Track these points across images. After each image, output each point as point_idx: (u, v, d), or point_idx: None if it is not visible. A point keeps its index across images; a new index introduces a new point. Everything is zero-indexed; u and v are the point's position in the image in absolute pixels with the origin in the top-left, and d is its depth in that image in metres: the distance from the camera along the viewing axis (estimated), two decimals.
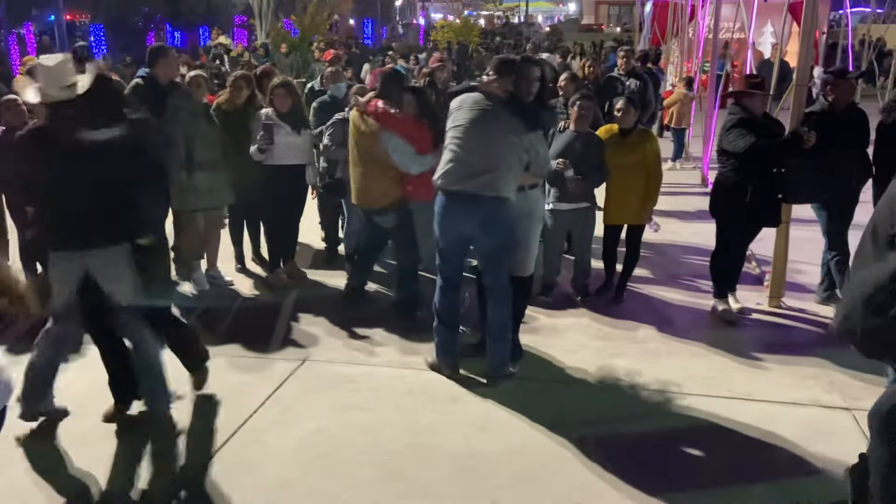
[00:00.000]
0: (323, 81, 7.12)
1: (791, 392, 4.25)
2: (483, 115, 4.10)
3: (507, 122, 4.07)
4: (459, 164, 4.10)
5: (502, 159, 4.08)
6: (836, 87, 5.17)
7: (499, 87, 4.13)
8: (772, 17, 17.35)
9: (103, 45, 21.81)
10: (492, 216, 4.11)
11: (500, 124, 4.07)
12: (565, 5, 66.56)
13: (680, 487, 3.39)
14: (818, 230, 5.47)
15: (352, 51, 19.54)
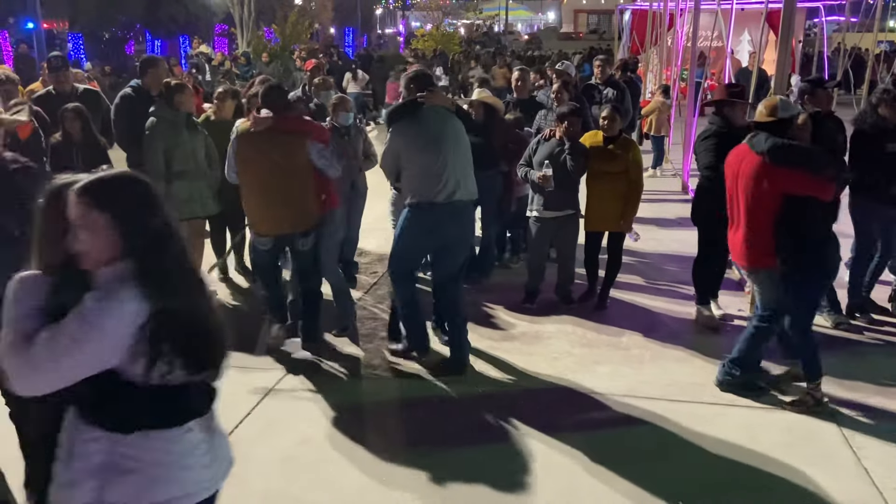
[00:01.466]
0: (307, 90, 7.10)
1: (773, 397, 4.28)
2: (447, 125, 4.44)
3: (463, 130, 4.55)
4: (446, 176, 4.36)
5: (470, 161, 4.55)
6: (813, 96, 5.24)
7: (445, 100, 4.57)
8: (748, 26, 17.60)
9: (82, 53, 21.63)
10: (472, 217, 4.68)
11: (461, 130, 4.51)
12: (544, 14, 67.06)
13: (665, 494, 3.40)
14: None
15: (333, 59, 19.54)
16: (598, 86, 8.13)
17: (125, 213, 1.83)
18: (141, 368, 1.83)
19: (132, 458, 1.87)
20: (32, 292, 1.86)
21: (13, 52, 21.76)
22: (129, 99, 5.74)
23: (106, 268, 1.84)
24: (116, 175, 1.90)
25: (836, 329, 5.25)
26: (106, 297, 1.79)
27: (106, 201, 1.83)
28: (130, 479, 1.87)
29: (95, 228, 1.82)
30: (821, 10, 15.86)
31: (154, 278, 1.83)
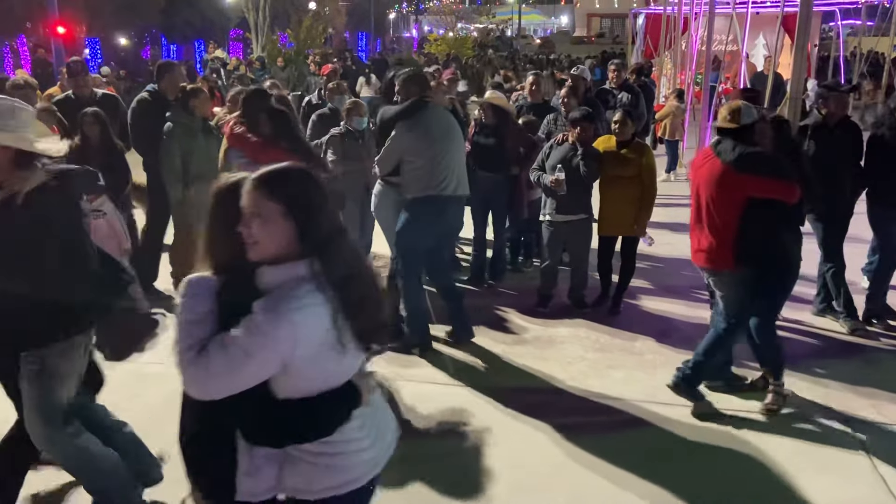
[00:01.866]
0: (322, 94, 7.14)
1: (787, 403, 4.25)
2: (450, 122, 4.81)
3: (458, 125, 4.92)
4: (451, 171, 4.65)
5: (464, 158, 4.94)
6: (829, 101, 5.22)
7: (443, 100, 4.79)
8: (764, 30, 17.52)
9: (99, 58, 21.86)
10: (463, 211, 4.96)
11: (458, 128, 4.88)
12: (557, 18, 67.07)
13: (678, 498, 3.39)
14: (813, 242, 5.49)
15: (347, 63, 19.63)
16: (613, 90, 8.13)
17: (300, 204, 1.84)
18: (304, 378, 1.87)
19: (300, 451, 1.94)
20: (202, 295, 1.88)
21: (30, 57, 22.05)
22: (146, 103, 5.80)
23: (277, 266, 1.84)
24: (293, 167, 1.91)
25: (853, 335, 5.21)
26: (274, 305, 1.79)
27: (280, 191, 1.83)
28: (303, 469, 1.94)
29: (269, 218, 1.82)
30: (836, 14, 15.78)
31: (337, 275, 1.83)
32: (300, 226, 1.83)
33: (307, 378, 1.89)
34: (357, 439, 1.99)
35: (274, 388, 1.88)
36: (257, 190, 1.84)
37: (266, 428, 1.93)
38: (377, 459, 2.07)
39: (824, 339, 5.22)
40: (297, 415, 1.91)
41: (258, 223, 1.83)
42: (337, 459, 1.96)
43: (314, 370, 1.89)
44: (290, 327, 1.78)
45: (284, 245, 1.84)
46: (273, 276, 1.84)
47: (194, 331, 1.83)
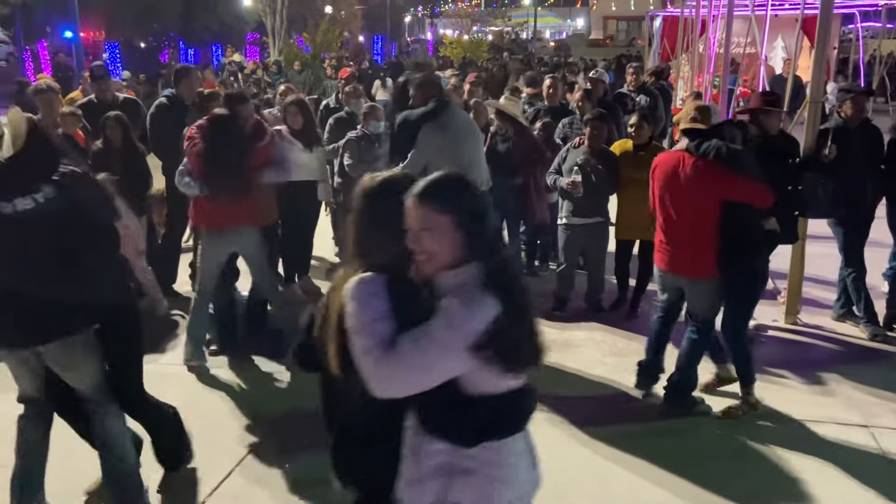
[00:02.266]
0: (339, 98, 7.18)
1: (808, 409, 4.22)
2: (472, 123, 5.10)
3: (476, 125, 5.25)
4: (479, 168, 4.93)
5: None
6: (846, 104, 5.18)
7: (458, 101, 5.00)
8: (782, 32, 17.38)
9: (118, 62, 22.10)
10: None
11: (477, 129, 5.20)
12: (573, 20, 66.93)
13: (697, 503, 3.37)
14: (834, 246, 5.45)
15: (362, 67, 19.71)
16: (631, 93, 8.11)
17: (466, 215, 1.84)
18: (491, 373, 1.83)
19: (473, 460, 1.90)
20: (379, 293, 1.86)
21: (51, 62, 22.34)
22: (164, 108, 5.86)
23: (449, 271, 1.85)
24: (452, 177, 1.90)
25: (873, 341, 5.15)
26: (468, 300, 1.79)
27: (448, 204, 1.83)
28: (472, 481, 1.90)
29: (442, 231, 1.82)
30: (856, 16, 15.62)
31: (501, 281, 1.83)
32: (468, 233, 1.83)
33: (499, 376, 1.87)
34: (525, 453, 2.00)
35: (465, 386, 1.86)
36: (425, 204, 1.84)
37: (460, 425, 1.90)
38: (536, 481, 2.04)
39: (844, 344, 5.18)
40: (492, 411, 1.89)
41: (430, 237, 1.83)
42: (507, 471, 1.93)
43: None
44: (486, 322, 1.78)
45: (455, 253, 1.84)
46: (450, 280, 1.85)
47: (378, 328, 1.81)
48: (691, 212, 3.92)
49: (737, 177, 3.85)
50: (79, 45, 13.33)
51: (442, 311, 1.80)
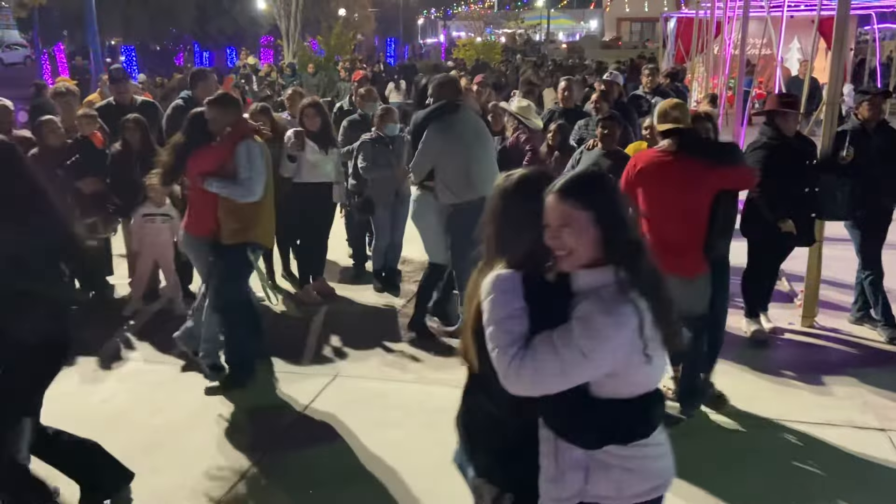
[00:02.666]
0: (353, 100, 7.21)
1: (825, 413, 4.20)
2: (481, 126, 4.90)
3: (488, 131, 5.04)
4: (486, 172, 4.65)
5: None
6: (863, 105, 5.15)
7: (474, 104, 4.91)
8: (798, 33, 17.27)
9: (134, 65, 22.29)
10: None
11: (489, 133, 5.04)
12: (587, 22, 66.76)
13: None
14: (850, 249, 5.41)
15: (377, 69, 19.77)
16: (646, 95, 8.09)
17: (606, 212, 1.83)
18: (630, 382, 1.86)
19: (610, 455, 1.92)
20: (514, 291, 1.87)
21: (68, 65, 22.55)
22: (181, 111, 5.90)
23: (591, 270, 1.85)
24: (593, 174, 1.93)
25: (890, 344, 5.12)
26: (609, 308, 1.79)
27: (588, 200, 1.83)
28: (611, 475, 1.92)
29: (581, 227, 1.82)
30: (872, 18, 15.51)
31: (644, 281, 1.83)
32: (607, 231, 1.83)
33: (631, 382, 1.88)
34: (660, 443, 2.00)
35: (594, 390, 1.87)
36: (566, 200, 1.84)
37: (585, 428, 1.91)
38: (669, 473, 2.03)
39: (862, 347, 5.14)
40: (619, 416, 1.89)
41: (569, 233, 1.83)
42: (647, 462, 1.95)
43: (638, 373, 1.88)
44: (629, 331, 1.79)
45: (596, 252, 1.84)
46: (588, 280, 1.85)
47: (512, 326, 1.83)
48: (684, 210, 3.85)
49: (724, 166, 3.89)
50: (96, 49, 13.44)
51: (583, 319, 1.79)
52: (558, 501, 1.97)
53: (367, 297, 6.11)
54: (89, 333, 5.46)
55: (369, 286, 6.29)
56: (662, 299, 1.86)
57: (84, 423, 4.13)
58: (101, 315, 5.81)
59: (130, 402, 4.38)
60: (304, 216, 5.97)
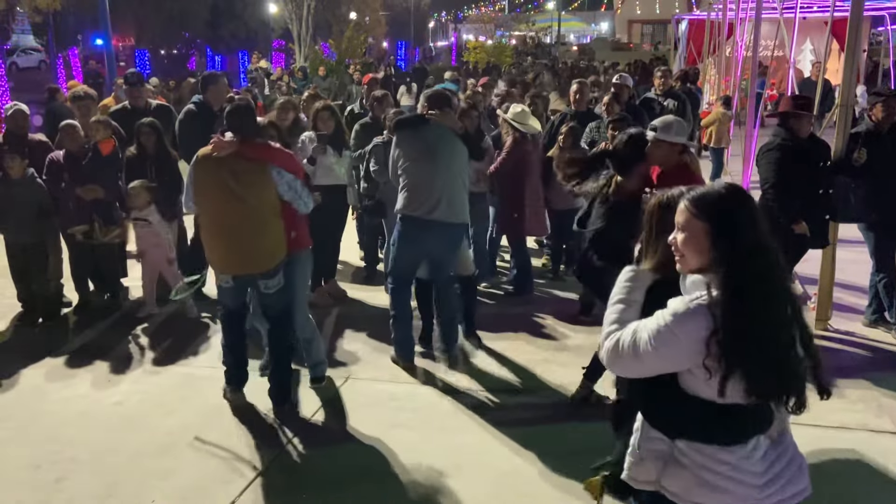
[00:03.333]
0: (364, 104, 7.23)
1: (839, 416, 4.17)
2: (446, 144, 4.58)
3: (463, 154, 4.67)
4: (427, 192, 4.54)
5: (464, 187, 4.71)
6: (877, 107, 5.12)
7: (453, 121, 4.65)
8: (811, 35, 17.18)
9: (147, 69, 22.47)
10: (457, 238, 4.79)
11: (460, 153, 4.64)
12: (598, 25, 66.65)
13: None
14: (864, 251, 5.38)
15: (388, 72, 19.81)
16: (658, 97, 8.08)
17: (721, 225, 1.93)
18: (705, 381, 1.90)
19: (686, 456, 2.01)
20: (638, 285, 2.11)
21: (82, 69, 22.75)
22: (192, 115, 5.94)
23: (695, 275, 1.98)
24: (720, 190, 2.02)
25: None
26: (682, 308, 1.91)
27: (706, 212, 1.95)
28: (682, 475, 2.02)
29: (695, 235, 1.96)
30: (886, 18, 15.40)
31: (734, 292, 1.87)
32: (717, 244, 1.92)
33: (711, 385, 1.90)
34: (750, 470, 1.98)
35: (682, 382, 1.98)
36: (688, 208, 1.98)
37: (665, 415, 2.05)
38: (767, 497, 1.99)
39: (876, 350, 5.11)
40: (696, 415, 1.97)
41: (683, 238, 1.98)
42: (719, 479, 1.97)
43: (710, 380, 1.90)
44: (695, 332, 1.87)
45: (707, 260, 1.94)
46: (693, 284, 1.98)
47: (620, 312, 2.07)
48: None
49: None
50: (110, 53, 13.56)
51: (661, 315, 1.94)
52: (635, 481, 2.12)
53: (379, 300, 6.12)
54: (103, 335, 5.54)
55: (381, 288, 6.30)
56: (748, 321, 1.86)
57: (98, 424, 4.19)
58: (115, 317, 5.87)
59: (144, 403, 4.41)
60: (317, 218, 5.98)
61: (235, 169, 3.95)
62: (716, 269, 1.91)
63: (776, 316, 1.91)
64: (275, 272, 4.15)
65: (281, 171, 4.03)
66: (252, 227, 4.02)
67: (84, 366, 4.96)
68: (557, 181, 6.04)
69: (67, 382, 4.75)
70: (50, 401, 4.50)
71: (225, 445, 3.96)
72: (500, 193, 6.09)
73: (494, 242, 6.57)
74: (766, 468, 1.99)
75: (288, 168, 4.09)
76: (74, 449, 3.92)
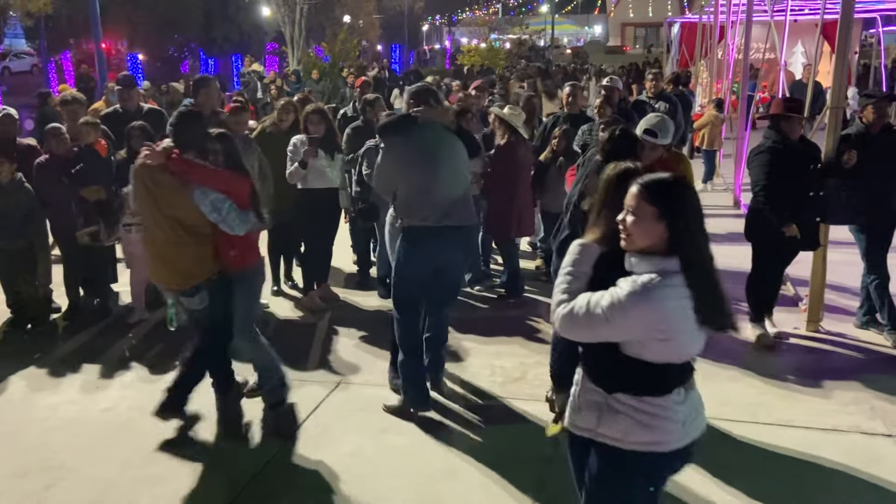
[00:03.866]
0: (357, 107, 7.22)
1: (832, 418, 4.18)
2: (443, 143, 4.10)
3: (462, 150, 4.20)
4: (435, 198, 4.01)
5: (468, 184, 4.30)
6: (868, 109, 5.13)
7: (443, 115, 4.24)
8: (802, 37, 17.25)
9: (139, 73, 22.40)
10: (472, 241, 4.45)
11: (458, 149, 4.18)
12: (591, 28, 66.86)
13: None
14: (855, 253, 5.39)
15: (380, 75, 19.81)
16: (650, 100, 8.09)
17: (673, 211, 2.14)
18: (651, 351, 2.17)
19: (622, 404, 2.26)
20: (585, 259, 2.31)
21: (74, 73, 22.67)
22: None
23: (645, 257, 2.18)
24: (671, 179, 2.22)
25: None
26: (638, 289, 2.12)
27: (658, 197, 2.16)
28: (620, 420, 2.26)
29: (643, 218, 2.16)
30: (877, 21, 15.47)
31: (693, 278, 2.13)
32: (670, 229, 2.14)
33: (656, 352, 2.19)
34: (673, 409, 2.25)
35: (623, 347, 2.21)
36: (640, 192, 2.18)
37: (606, 373, 2.29)
38: (687, 433, 2.29)
39: (868, 352, 5.11)
40: (635, 373, 2.22)
41: (633, 220, 2.17)
42: (652, 420, 2.23)
43: (665, 349, 2.19)
44: (647, 310, 2.11)
45: (653, 242, 2.16)
46: (639, 265, 2.18)
47: (570, 282, 2.28)
48: None
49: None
50: (101, 57, 13.48)
51: (616, 291, 2.15)
52: (575, 428, 2.40)
53: (371, 303, 6.11)
54: (93, 341, 5.50)
55: (374, 292, 6.29)
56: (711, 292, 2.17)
57: (87, 431, 4.16)
58: (104, 322, 5.83)
59: (133, 409, 4.38)
60: (310, 222, 5.98)
61: (159, 181, 3.82)
62: (670, 252, 2.14)
63: (711, 285, 2.19)
64: (193, 291, 3.97)
65: (205, 191, 3.80)
66: (169, 243, 3.89)
67: (73, 371, 4.93)
68: (552, 184, 6.12)
69: (56, 388, 4.71)
70: (38, 407, 4.47)
71: (215, 452, 3.94)
72: (488, 193, 6.08)
73: (486, 245, 6.56)
74: (687, 411, 2.28)
75: (216, 187, 3.83)
76: (63, 456, 3.89)
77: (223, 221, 3.86)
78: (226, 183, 3.89)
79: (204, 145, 3.95)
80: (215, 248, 3.97)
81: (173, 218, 3.85)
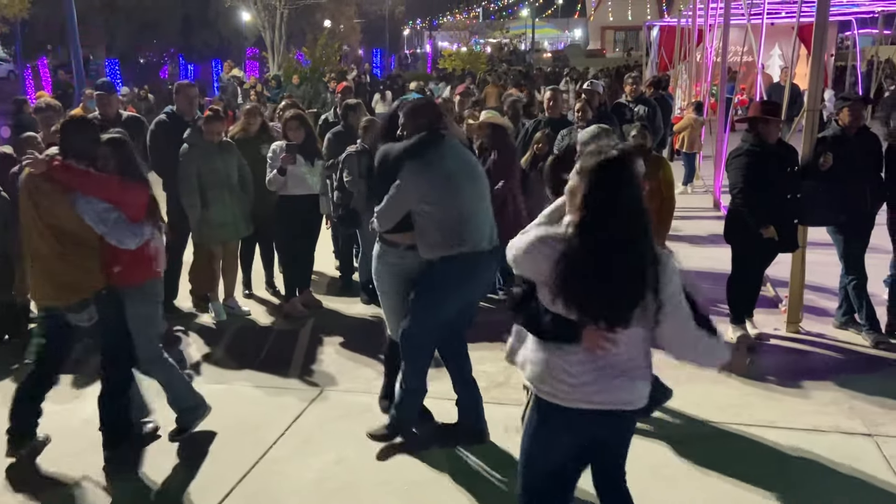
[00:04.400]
0: (338, 112, 7.19)
1: (812, 418, 4.21)
2: (471, 161, 3.84)
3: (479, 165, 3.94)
4: (472, 221, 3.70)
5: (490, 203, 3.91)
6: (844, 111, 5.20)
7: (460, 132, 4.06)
8: (779, 40, 17.45)
9: (118, 79, 22.21)
10: (499, 262, 3.80)
11: (480, 167, 3.93)
12: (571, 31, 67.24)
13: None
14: (834, 253, 5.45)
15: (362, 80, 19.78)
16: (629, 104, 8.14)
17: (591, 184, 2.34)
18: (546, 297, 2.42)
19: (533, 351, 2.56)
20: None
21: (51, 79, 22.42)
22: (164, 125, 5.88)
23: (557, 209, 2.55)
24: (608, 156, 2.37)
25: (876, 348, 5.15)
26: (543, 233, 2.46)
27: (583, 171, 2.36)
28: (533, 368, 2.55)
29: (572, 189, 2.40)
30: (853, 23, 15.70)
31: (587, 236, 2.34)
32: (586, 197, 2.35)
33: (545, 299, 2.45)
34: (566, 370, 2.46)
35: (539, 294, 2.49)
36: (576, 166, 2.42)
37: (530, 320, 2.56)
38: (582, 397, 2.48)
39: (847, 352, 5.17)
40: (541, 318, 2.49)
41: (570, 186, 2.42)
42: (554, 372, 2.47)
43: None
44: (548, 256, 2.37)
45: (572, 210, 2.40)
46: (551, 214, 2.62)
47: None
48: None
49: None
50: (79, 62, 13.36)
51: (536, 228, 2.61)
52: (514, 362, 2.81)
53: (354, 310, 6.09)
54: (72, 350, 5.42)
55: (356, 299, 6.27)
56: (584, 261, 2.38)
57: (66, 441, 4.09)
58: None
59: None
60: (290, 228, 5.95)
61: (41, 189, 3.62)
62: (583, 215, 2.35)
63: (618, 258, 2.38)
64: (80, 306, 3.78)
65: (90, 200, 3.59)
66: (53, 255, 3.68)
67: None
68: (535, 188, 6.12)
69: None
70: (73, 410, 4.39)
71: (196, 461, 3.90)
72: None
73: None
74: (584, 369, 2.45)
75: (103, 196, 3.62)
76: (42, 467, 3.83)
77: (109, 234, 3.64)
78: (116, 192, 3.65)
79: (93, 152, 3.71)
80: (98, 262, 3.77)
81: (56, 228, 3.64)
